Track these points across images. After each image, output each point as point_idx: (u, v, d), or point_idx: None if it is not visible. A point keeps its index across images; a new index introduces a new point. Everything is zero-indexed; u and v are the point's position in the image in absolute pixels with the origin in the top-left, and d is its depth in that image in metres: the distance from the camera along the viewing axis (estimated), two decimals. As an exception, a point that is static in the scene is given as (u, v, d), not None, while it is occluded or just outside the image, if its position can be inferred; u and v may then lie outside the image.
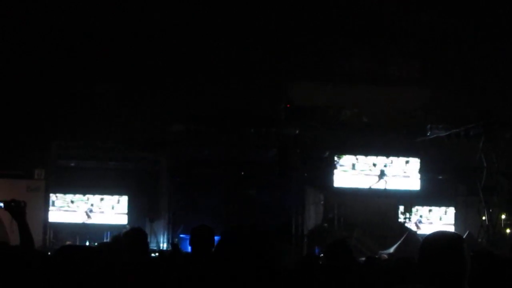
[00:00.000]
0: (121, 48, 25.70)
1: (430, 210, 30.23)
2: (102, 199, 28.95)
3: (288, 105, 29.46)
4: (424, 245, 3.54)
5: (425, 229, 28.30)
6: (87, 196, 28.88)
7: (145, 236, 5.85)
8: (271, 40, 27.24)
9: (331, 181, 28.76)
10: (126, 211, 28.88)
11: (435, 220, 29.88)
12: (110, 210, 28.91)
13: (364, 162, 29.03)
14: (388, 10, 25.89)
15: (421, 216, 29.96)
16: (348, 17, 26.24)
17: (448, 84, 28.85)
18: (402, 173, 29.17)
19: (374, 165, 28.98)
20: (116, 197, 29.03)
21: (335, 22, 26.25)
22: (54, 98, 27.28)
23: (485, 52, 27.16)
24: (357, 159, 28.99)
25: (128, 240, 5.66)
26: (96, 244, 19.32)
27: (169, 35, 25.19)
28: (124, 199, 29.01)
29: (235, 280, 2.81)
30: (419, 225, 29.55)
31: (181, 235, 27.79)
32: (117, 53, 25.96)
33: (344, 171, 28.92)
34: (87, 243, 24.95)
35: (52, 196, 28.48)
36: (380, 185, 28.81)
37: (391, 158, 29.05)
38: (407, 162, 29.24)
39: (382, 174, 28.85)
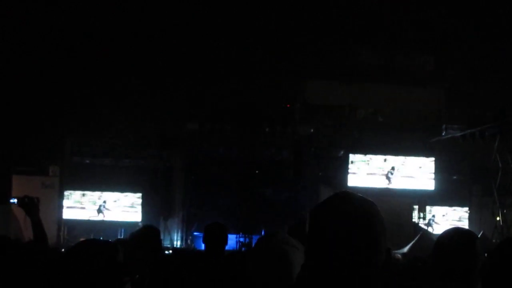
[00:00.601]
0: (132, 47, 25.73)
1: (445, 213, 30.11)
2: (115, 197, 29.03)
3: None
4: (438, 242, 3.57)
5: (439, 229, 28.15)
6: (101, 193, 28.96)
7: (157, 233, 5.86)
8: (287, 39, 27.21)
9: (345, 180, 28.66)
10: (140, 208, 28.92)
11: (449, 220, 29.78)
12: (124, 207, 28.96)
13: (378, 161, 28.91)
14: (401, 6, 25.77)
15: (434, 216, 29.87)
16: (363, 14, 26.15)
17: (463, 84, 28.71)
18: (417, 173, 29.00)
19: (389, 166, 28.86)
20: (130, 194, 29.07)
21: (350, 19, 26.17)
22: (69, 95, 27.38)
23: (501, 51, 26.98)
24: (370, 158, 28.87)
25: (141, 237, 5.68)
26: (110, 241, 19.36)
27: (178, 34, 25.24)
28: (138, 196, 29.04)
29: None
30: (432, 225, 29.44)
31: (195, 233, 27.85)
32: (128, 52, 26.01)
33: (358, 170, 28.83)
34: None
35: (67, 193, 28.61)
36: (389, 184, 28.69)
37: (406, 157, 28.90)
38: (421, 162, 29.09)
39: (390, 174, 28.71)
